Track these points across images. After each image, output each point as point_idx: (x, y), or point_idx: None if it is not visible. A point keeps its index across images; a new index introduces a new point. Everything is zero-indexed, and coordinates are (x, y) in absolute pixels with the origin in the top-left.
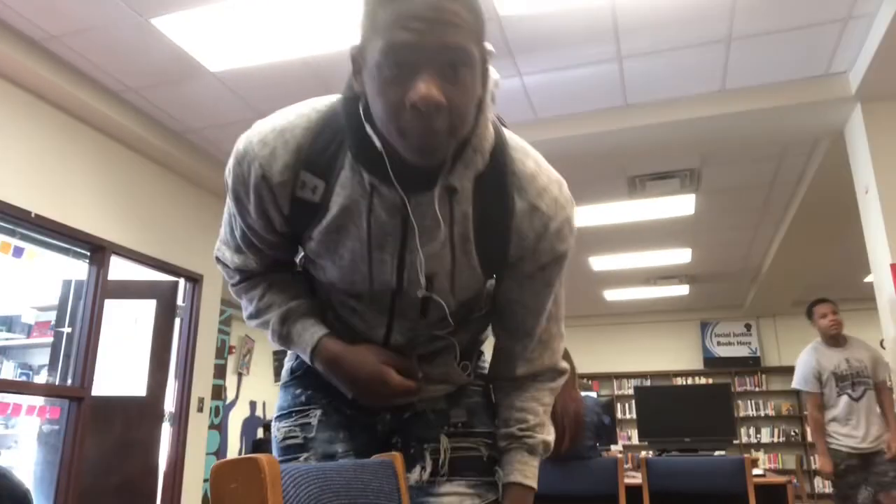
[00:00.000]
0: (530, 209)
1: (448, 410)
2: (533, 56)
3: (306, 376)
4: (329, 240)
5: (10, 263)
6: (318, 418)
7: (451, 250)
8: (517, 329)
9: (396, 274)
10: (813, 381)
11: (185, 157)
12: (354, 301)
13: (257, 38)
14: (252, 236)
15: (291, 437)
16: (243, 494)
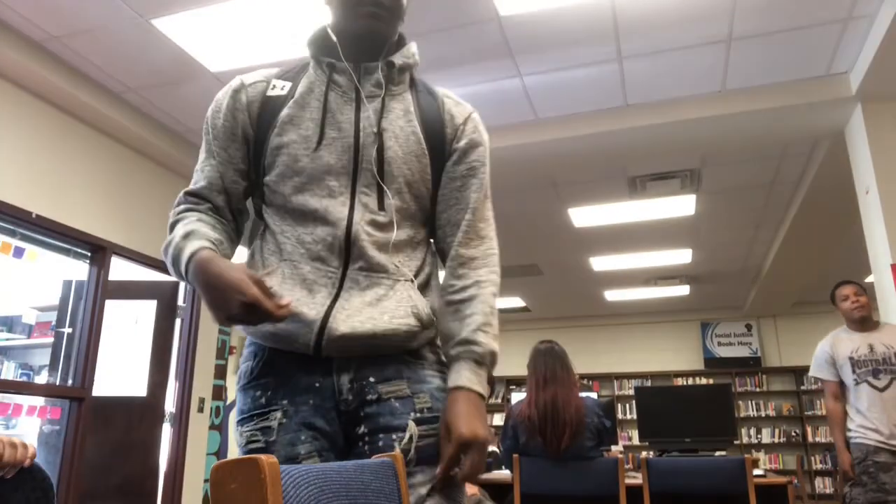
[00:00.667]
0: (453, 102)
1: (412, 396)
2: (533, 56)
3: (264, 376)
4: (295, 115)
5: (11, 264)
6: (279, 420)
7: (387, 117)
8: (458, 225)
9: (354, 128)
10: (826, 367)
11: (185, 158)
12: (313, 189)
13: (257, 38)
14: (217, 149)
15: (254, 440)
16: (243, 495)
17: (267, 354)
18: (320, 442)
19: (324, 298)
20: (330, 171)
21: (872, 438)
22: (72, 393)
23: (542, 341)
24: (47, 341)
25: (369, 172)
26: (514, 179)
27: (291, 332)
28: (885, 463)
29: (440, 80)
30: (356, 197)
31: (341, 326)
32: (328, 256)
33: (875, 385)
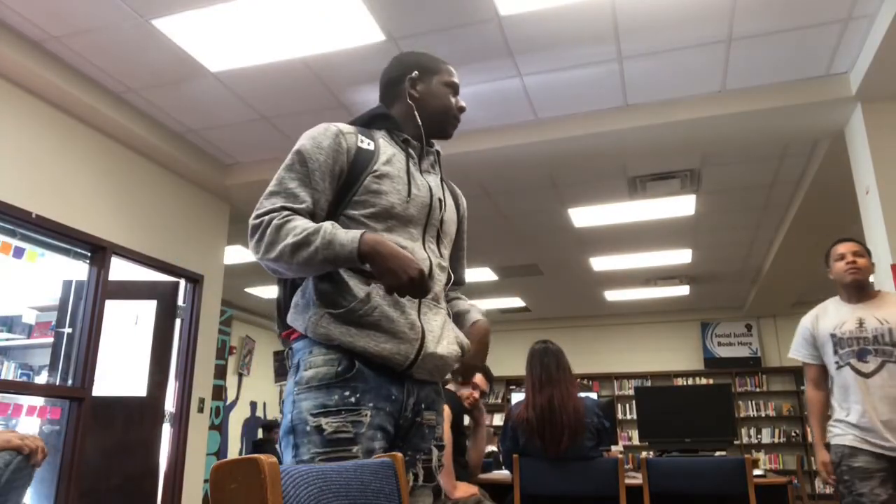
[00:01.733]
0: (454, 186)
1: (436, 426)
2: (533, 56)
3: (354, 380)
4: (389, 170)
5: (11, 264)
6: (370, 418)
7: (443, 190)
8: (458, 263)
9: (429, 192)
10: (805, 346)
11: (185, 157)
12: (399, 232)
13: (257, 38)
14: (318, 179)
15: (343, 431)
16: (243, 495)
17: (357, 365)
18: (386, 442)
19: (415, 319)
20: (412, 220)
21: (850, 438)
22: (72, 393)
23: (538, 342)
24: (47, 341)
25: (434, 227)
26: (514, 179)
27: (392, 349)
28: (862, 469)
29: None
30: (426, 244)
31: (430, 346)
32: None
33: (859, 370)
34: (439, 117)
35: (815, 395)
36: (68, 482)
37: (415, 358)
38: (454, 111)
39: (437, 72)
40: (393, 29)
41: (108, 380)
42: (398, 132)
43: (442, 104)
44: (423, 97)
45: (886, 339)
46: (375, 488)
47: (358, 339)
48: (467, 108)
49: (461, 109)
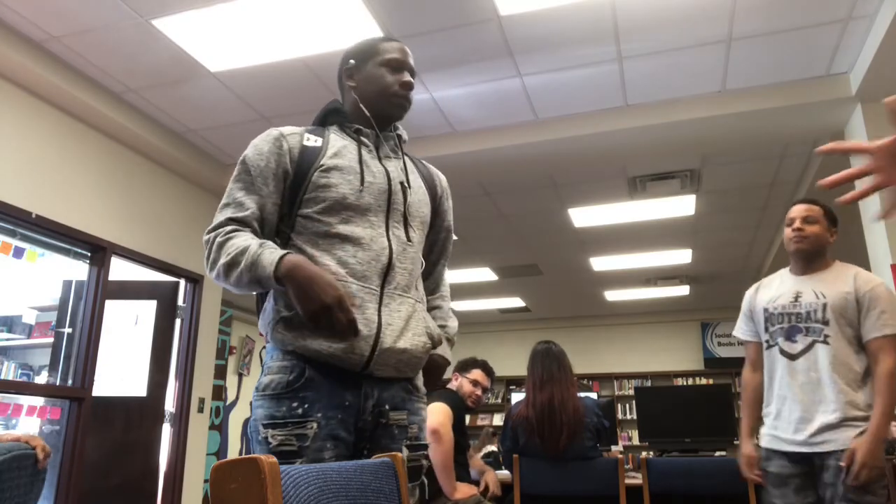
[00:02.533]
0: (433, 168)
1: (408, 426)
2: (533, 56)
3: (303, 390)
4: (338, 163)
5: (11, 264)
6: (314, 430)
7: (406, 173)
8: (439, 262)
9: (385, 177)
10: (743, 320)
11: (185, 157)
12: (357, 222)
13: (257, 38)
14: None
15: (287, 444)
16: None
17: (308, 372)
18: (339, 450)
19: (372, 314)
20: (370, 208)
21: (766, 439)
22: (72, 393)
23: (540, 342)
24: (47, 341)
25: (399, 212)
26: (514, 179)
27: (346, 349)
28: (775, 476)
29: (440, 80)
30: (390, 230)
31: (387, 341)
32: (372, 276)
33: (787, 351)
34: (379, 101)
35: (748, 377)
36: (68, 482)
37: (370, 355)
38: (393, 89)
39: (373, 54)
40: (393, 29)
41: (109, 380)
42: (348, 124)
43: (378, 87)
44: (360, 84)
45: (818, 316)
46: (375, 488)
47: (311, 342)
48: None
49: (404, 85)
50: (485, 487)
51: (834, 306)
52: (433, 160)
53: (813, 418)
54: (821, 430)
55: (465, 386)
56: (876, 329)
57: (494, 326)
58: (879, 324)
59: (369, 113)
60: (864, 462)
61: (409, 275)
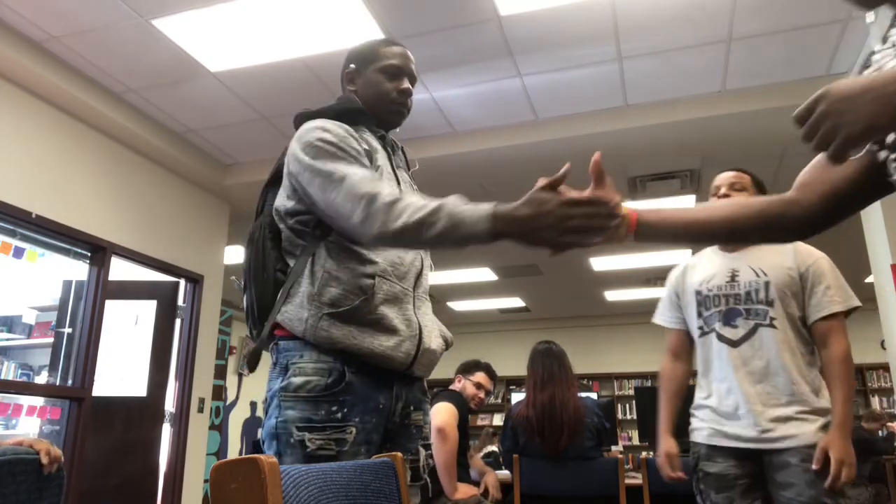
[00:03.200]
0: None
1: (423, 426)
2: (533, 56)
3: (343, 394)
4: (379, 165)
5: (11, 264)
6: (353, 434)
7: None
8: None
9: (407, 185)
10: (668, 307)
11: (185, 157)
12: None
13: (257, 38)
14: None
15: (326, 448)
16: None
17: (348, 376)
18: (371, 453)
19: (412, 315)
20: None
21: (707, 433)
22: (72, 393)
23: (541, 342)
24: (47, 341)
25: None
26: (514, 179)
27: (393, 348)
28: (718, 477)
29: (440, 80)
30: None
31: (427, 341)
32: (409, 277)
33: (726, 336)
34: (376, 108)
35: (669, 367)
36: (68, 482)
37: (416, 354)
38: (391, 96)
39: (373, 59)
40: (393, 29)
41: (109, 380)
42: (375, 128)
43: (375, 93)
44: (360, 89)
45: (761, 297)
46: (375, 488)
47: (362, 339)
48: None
49: (402, 92)
50: (485, 489)
51: (778, 284)
52: (433, 160)
53: (764, 411)
54: (776, 423)
55: (468, 388)
56: (823, 307)
57: (494, 326)
58: (826, 301)
59: (373, 113)
60: (842, 459)
61: (427, 280)
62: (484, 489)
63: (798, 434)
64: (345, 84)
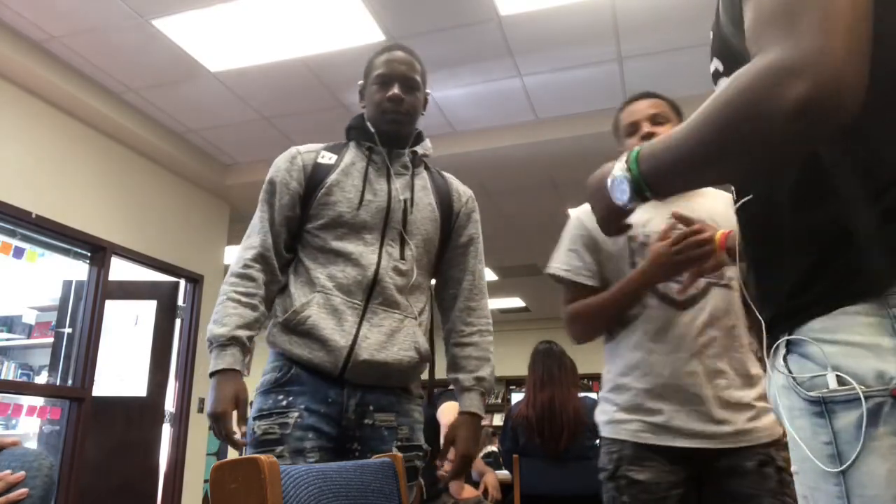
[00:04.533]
0: (458, 183)
1: (397, 427)
2: (533, 56)
3: (289, 384)
4: (341, 181)
5: (11, 264)
6: (295, 419)
7: (412, 190)
8: (463, 280)
9: (387, 196)
10: (578, 252)
11: (185, 157)
12: (351, 239)
13: (257, 38)
14: (277, 213)
15: (270, 432)
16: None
17: (294, 370)
18: (322, 441)
19: (350, 327)
20: (366, 226)
21: (636, 426)
22: (72, 393)
23: (542, 342)
24: (47, 341)
25: (395, 230)
26: (514, 179)
27: (323, 357)
28: (652, 486)
29: (440, 80)
30: (384, 248)
31: (363, 354)
32: (356, 291)
33: (670, 296)
34: (376, 120)
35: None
36: (68, 482)
37: (344, 365)
38: (383, 106)
39: (369, 72)
40: (393, 29)
41: (109, 380)
42: (363, 141)
43: (372, 106)
44: (366, 105)
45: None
46: (375, 488)
47: (295, 347)
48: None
49: (391, 99)
50: (484, 489)
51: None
52: (433, 160)
53: (717, 396)
54: (731, 413)
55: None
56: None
57: (494, 326)
58: None
59: (375, 131)
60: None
61: (398, 291)
62: (484, 489)
63: (758, 429)
64: (360, 99)
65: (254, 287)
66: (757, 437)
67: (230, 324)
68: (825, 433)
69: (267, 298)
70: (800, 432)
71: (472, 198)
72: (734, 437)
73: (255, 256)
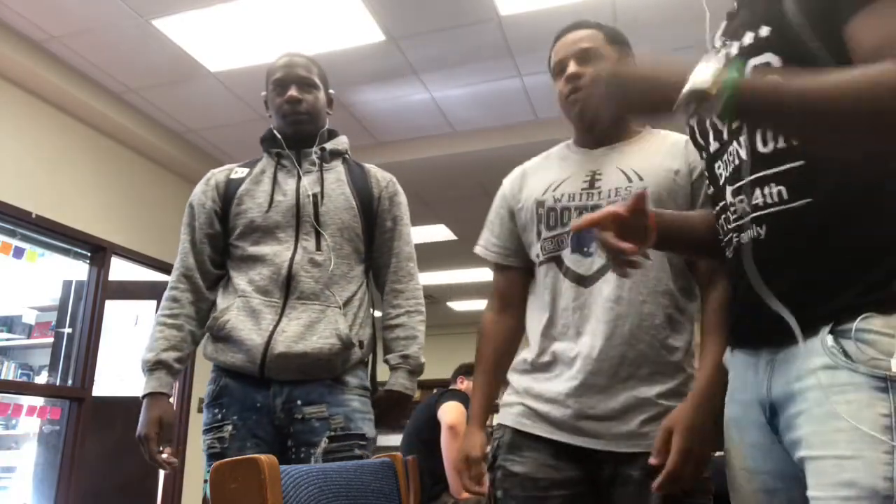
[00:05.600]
0: (378, 171)
1: (329, 418)
2: (533, 56)
3: (220, 397)
4: (250, 189)
5: (11, 264)
6: (230, 432)
7: (322, 184)
8: (390, 264)
9: (295, 194)
10: (495, 229)
11: (185, 157)
12: (266, 241)
13: (257, 38)
14: (197, 233)
15: (213, 447)
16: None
17: (223, 381)
18: (262, 447)
19: (268, 325)
20: (279, 226)
21: (518, 410)
22: (72, 393)
23: None
24: (47, 341)
25: (308, 223)
26: None
27: (242, 358)
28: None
29: (440, 80)
30: (298, 243)
31: (279, 347)
32: (273, 290)
33: (573, 270)
34: (279, 124)
35: (491, 320)
36: (68, 482)
37: (262, 361)
38: (283, 110)
39: (268, 81)
40: (393, 29)
41: (108, 380)
42: (271, 149)
43: (273, 107)
44: (271, 112)
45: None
46: (375, 488)
47: (220, 353)
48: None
49: (289, 100)
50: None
51: (656, 193)
52: (433, 160)
53: (612, 389)
54: (628, 412)
55: None
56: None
57: None
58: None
59: (280, 136)
60: (687, 448)
61: (315, 282)
62: None
63: (649, 434)
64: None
65: (178, 307)
66: (645, 443)
67: (156, 348)
68: (884, 406)
69: (199, 316)
70: (850, 405)
71: (392, 181)
72: (614, 440)
73: (178, 277)
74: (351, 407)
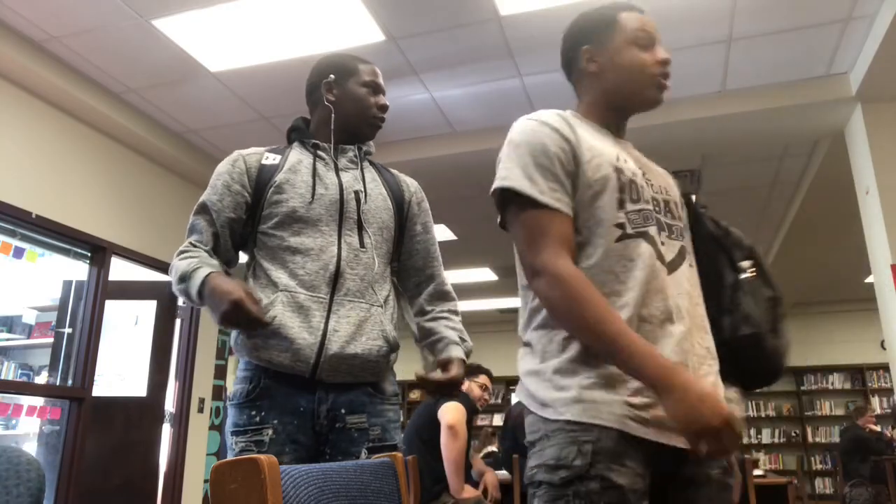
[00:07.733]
0: (404, 176)
1: (369, 429)
2: (533, 56)
3: (260, 399)
4: (290, 178)
5: (11, 264)
6: (270, 436)
7: (364, 182)
8: (425, 267)
9: (338, 188)
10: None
11: (185, 157)
12: (308, 233)
13: (257, 38)
14: (217, 216)
15: (247, 451)
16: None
17: (263, 381)
18: (300, 453)
19: (318, 322)
20: (321, 219)
21: (618, 408)
22: (72, 393)
23: None
24: (47, 341)
25: (352, 219)
26: None
27: (292, 357)
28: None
29: (440, 80)
30: (342, 239)
31: (333, 347)
32: (320, 285)
33: (663, 254)
34: (356, 119)
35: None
36: (68, 482)
37: (316, 362)
38: (373, 110)
39: (353, 73)
40: (393, 29)
41: (108, 380)
42: (307, 139)
43: (359, 106)
44: (340, 100)
45: (679, 211)
46: (375, 488)
47: (263, 351)
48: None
49: (382, 108)
50: (484, 488)
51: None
52: (433, 160)
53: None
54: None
55: (475, 390)
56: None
57: (494, 326)
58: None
59: (339, 128)
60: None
61: (360, 280)
62: (483, 489)
63: None
64: (322, 92)
65: (198, 251)
66: None
67: (193, 264)
68: None
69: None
70: None
71: (419, 188)
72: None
73: (192, 242)
74: (387, 417)
